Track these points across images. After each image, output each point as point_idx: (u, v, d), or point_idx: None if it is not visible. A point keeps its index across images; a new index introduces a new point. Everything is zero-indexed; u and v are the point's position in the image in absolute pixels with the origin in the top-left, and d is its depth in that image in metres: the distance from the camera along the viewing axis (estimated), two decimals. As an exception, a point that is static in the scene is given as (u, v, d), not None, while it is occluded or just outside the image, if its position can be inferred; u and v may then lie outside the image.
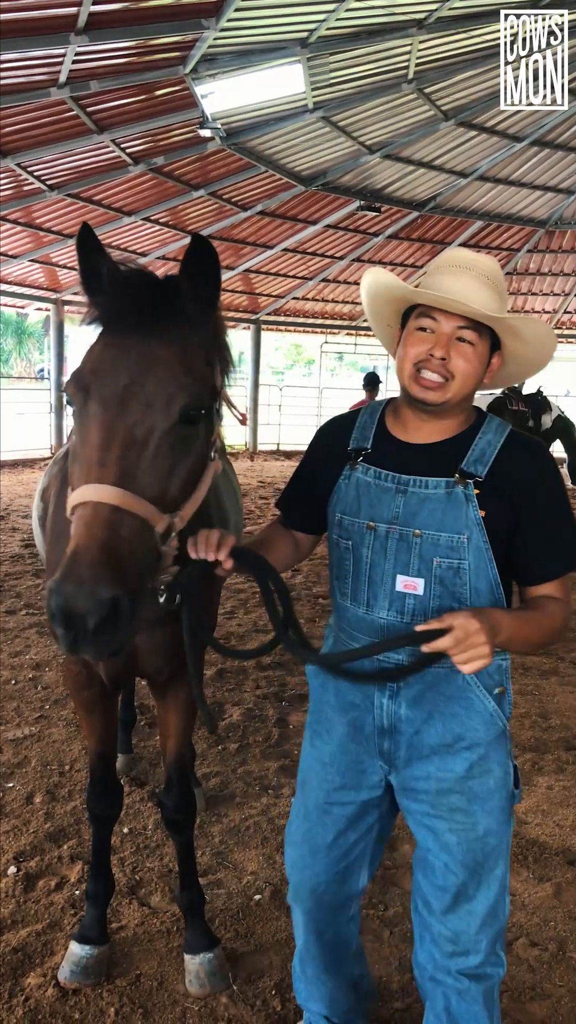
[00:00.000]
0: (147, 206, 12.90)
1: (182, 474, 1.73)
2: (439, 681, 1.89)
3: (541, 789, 4.02)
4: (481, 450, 1.86)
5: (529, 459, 1.86)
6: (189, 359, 1.75)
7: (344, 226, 15.42)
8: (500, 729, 1.94)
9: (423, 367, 1.83)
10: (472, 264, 1.87)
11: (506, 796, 1.95)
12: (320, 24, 8.22)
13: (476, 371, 1.85)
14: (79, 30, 7.18)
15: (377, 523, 1.90)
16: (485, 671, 1.89)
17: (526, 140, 12.42)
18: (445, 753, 1.91)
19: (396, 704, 1.94)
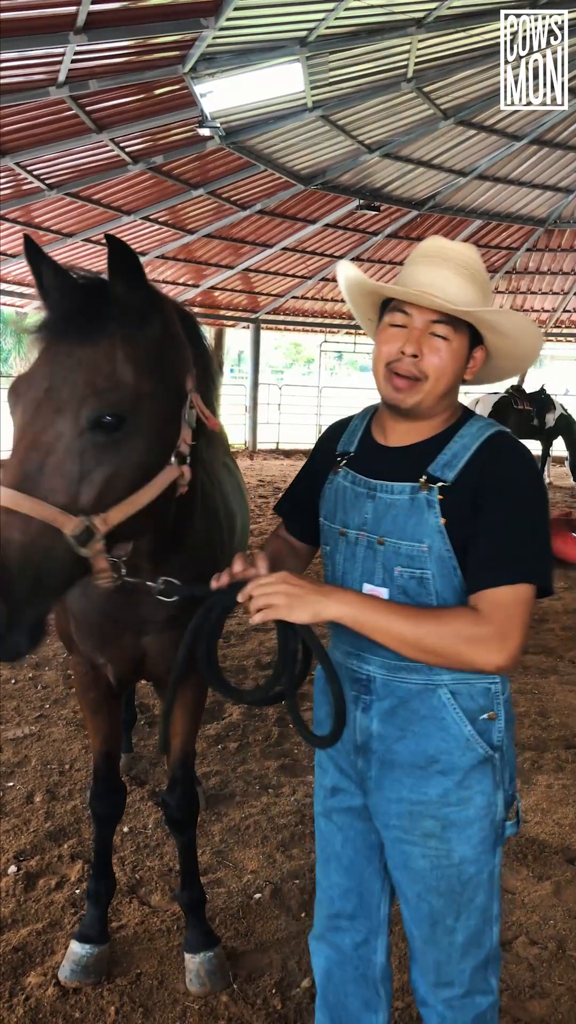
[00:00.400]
0: (146, 205, 12.91)
1: (100, 479, 1.67)
2: (411, 697, 1.76)
3: (540, 787, 4.03)
4: (453, 453, 1.71)
5: (501, 462, 1.68)
6: (110, 364, 1.70)
7: (343, 225, 15.42)
8: (481, 756, 1.76)
9: (395, 368, 1.71)
10: (447, 253, 1.74)
11: (489, 826, 1.79)
12: (319, 23, 8.22)
13: (452, 369, 1.71)
14: (78, 29, 7.17)
15: (348, 529, 1.81)
16: (467, 693, 1.74)
17: (525, 139, 12.42)
18: (419, 775, 1.77)
19: (368, 718, 1.81)
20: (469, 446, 1.70)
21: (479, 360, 1.78)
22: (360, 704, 1.82)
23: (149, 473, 1.76)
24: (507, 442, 1.72)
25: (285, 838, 3.51)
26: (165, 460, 1.81)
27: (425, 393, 1.70)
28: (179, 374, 1.87)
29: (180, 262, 16.06)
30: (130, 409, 1.70)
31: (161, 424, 1.79)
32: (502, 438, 1.72)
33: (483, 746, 1.75)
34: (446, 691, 1.74)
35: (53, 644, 5.65)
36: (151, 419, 1.75)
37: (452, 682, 1.74)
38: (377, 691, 1.79)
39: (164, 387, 1.80)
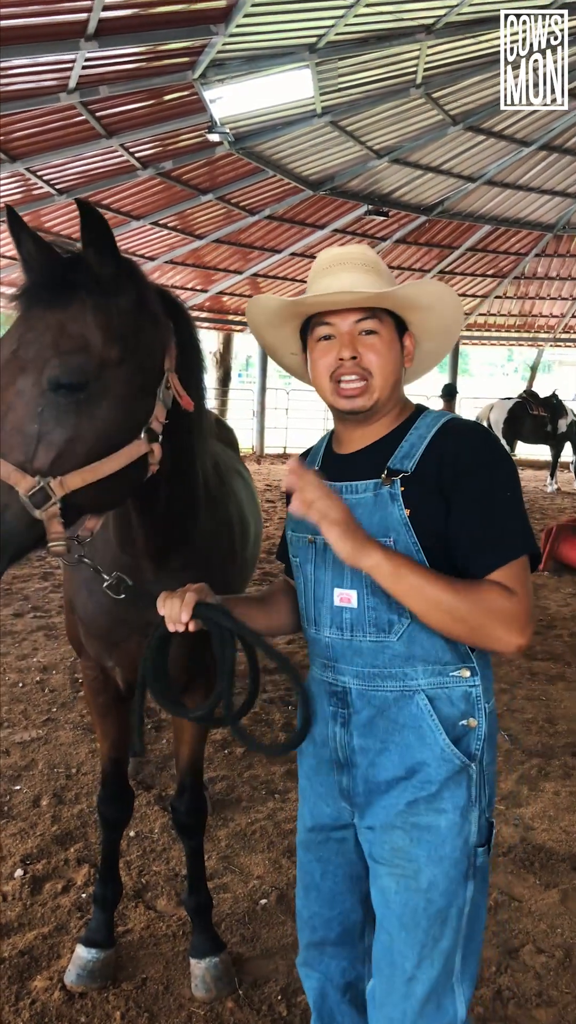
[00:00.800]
0: (155, 210, 12.95)
1: (59, 441, 1.67)
2: (388, 706, 1.69)
3: (548, 794, 4.01)
4: (411, 444, 1.69)
5: (461, 444, 1.66)
6: (78, 328, 1.71)
7: (352, 230, 15.44)
8: (456, 768, 1.66)
9: (339, 375, 1.70)
10: (343, 257, 1.75)
11: (462, 847, 1.65)
12: (329, 29, 8.25)
13: (392, 360, 1.72)
14: (89, 36, 7.22)
15: (316, 536, 1.75)
16: (446, 697, 1.67)
17: (534, 144, 12.43)
18: (401, 788, 1.69)
19: (348, 734, 1.74)
20: (425, 435, 1.69)
21: (410, 347, 1.78)
22: (339, 719, 1.76)
23: (113, 443, 1.74)
24: (463, 424, 1.72)
25: (291, 844, 3.50)
26: (132, 434, 1.79)
27: (379, 390, 1.69)
28: (153, 349, 1.85)
29: (189, 267, 16.11)
30: (94, 374, 1.70)
31: (129, 396, 1.78)
32: (456, 422, 1.72)
33: (459, 756, 1.66)
34: (423, 697, 1.67)
35: (61, 648, 5.67)
36: (118, 389, 1.75)
37: (429, 687, 1.67)
38: (354, 703, 1.73)
39: (135, 359, 1.79)
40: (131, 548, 2.19)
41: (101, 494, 1.77)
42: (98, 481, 1.72)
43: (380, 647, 1.67)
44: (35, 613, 6.60)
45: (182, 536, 2.23)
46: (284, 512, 4.86)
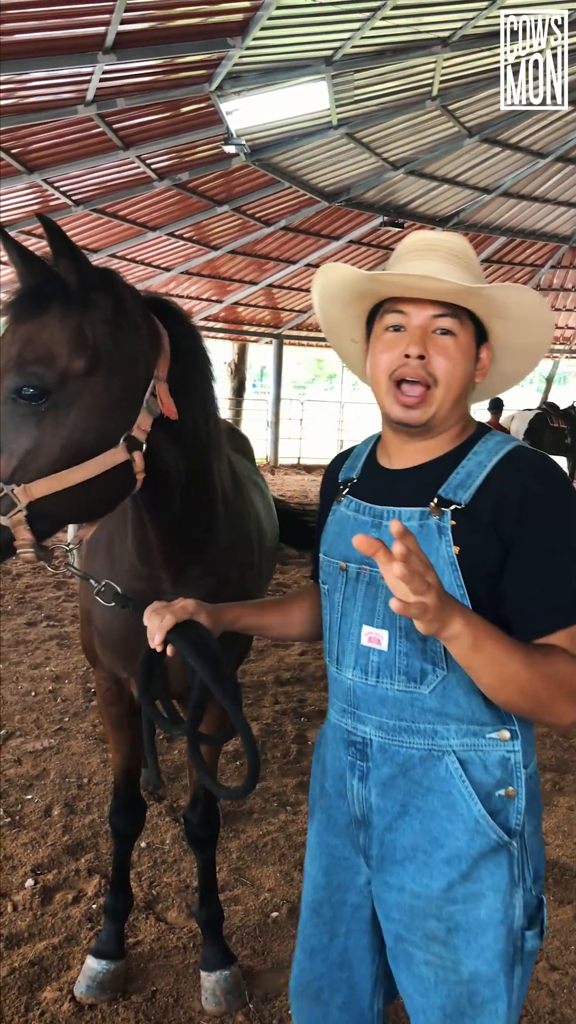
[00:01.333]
0: (171, 221, 13.02)
1: (21, 450, 1.68)
2: (413, 766, 1.50)
3: (562, 809, 3.98)
4: (468, 471, 1.48)
5: (526, 478, 1.44)
6: (43, 339, 1.72)
7: (367, 242, 15.47)
8: (492, 843, 1.46)
9: (400, 376, 1.49)
10: (434, 244, 1.55)
11: (505, 935, 1.47)
12: (345, 42, 8.28)
13: (463, 370, 1.50)
14: (107, 49, 7.27)
15: (349, 563, 1.59)
16: (480, 762, 1.47)
17: (550, 156, 12.42)
18: (422, 861, 1.50)
19: (366, 789, 1.57)
20: (485, 463, 1.48)
21: (486, 361, 1.57)
22: (357, 772, 1.58)
23: (83, 451, 1.73)
24: (530, 455, 1.50)
25: (303, 856, 3.46)
26: (108, 442, 1.77)
27: (438, 402, 1.49)
28: (134, 358, 1.84)
29: (204, 278, 16.18)
30: (55, 384, 1.71)
31: (103, 405, 1.76)
32: (522, 452, 1.50)
33: (496, 830, 1.46)
34: (453, 759, 1.48)
35: (73, 657, 5.67)
36: (88, 398, 1.74)
37: (461, 748, 1.48)
38: (374, 757, 1.55)
39: (110, 369, 1.77)
40: (147, 558, 2.19)
41: (76, 502, 1.76)
42: (68, 489, 1.72)
43: (409, 698, 1.49)
44: (48, 622, 6.62)
45: (199, 546, 2.23)
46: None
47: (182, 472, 2.01)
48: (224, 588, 2.34)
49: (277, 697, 5.23)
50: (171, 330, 1.96)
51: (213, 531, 2.25)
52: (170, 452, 1.95)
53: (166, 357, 1.90)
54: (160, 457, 1.92)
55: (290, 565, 8.92)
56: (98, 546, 2.39)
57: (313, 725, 4.81)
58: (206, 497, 2.17)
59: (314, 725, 4.81)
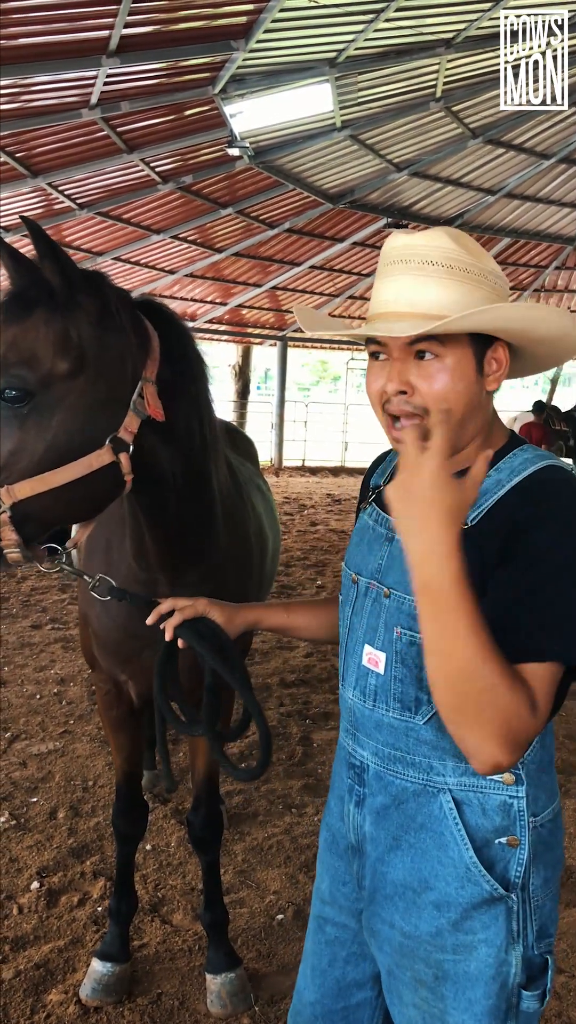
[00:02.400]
0: (175, 224, 13.03)
1: (5, 451, 1.70)
2: (407, 799, 1.41)
3: (568, 811, 3.96)
4: (483, 489, 1.34)
5: (533, 496, 1.31)
6: (26, 342, 1.73)
7: (371, 243, 15.45)
8: (486, 895, 1.34)
9: (389, 412, 1.38)
10: (407, 253, 1.35)
11: (498, 992, 1.35)
12: (348, 44, 8.28)
13: (456, 390, 1.33)
14: (110, 53, 7.28)
15: (360, 576, 1.51)
16: (478, 804, 1.36)
17: (554, 157, 12.40)
18: (411, 900, 1.41)
19: (361, 815, 1.49)
20: (504, 482, 1.34)
21: (503, 361, 1.38)
22: (354, 796, 1.51)
23: (67, 453, 1.74)
24: (553, 476, 1.34)
25: (308, 859, 3.48)
26: (94, 443, 1.77)
27: None
28: (121, 360, 1.83)
29: (208, 280, 16.18)
30: (38, 386, 1.71)
31: (87, 406, 1.76)
32: (544, 475, 1.34)
33: (489, 881, 1.34)
34: (448, 798, 1.37)
35: (78, 660, 5.68)
36: (72, 400, 1.75)
37: (458, 787, 1.37)
38: (370, 783, 1.47)
39: (95, 371, 1.78)
40: (144, 561, 2.19)
41: (62, 504, 1.77)
42: (52, 490, 1.72)
43: (404, 727, 1.40)
44: (53, 625, 6.62)
45: (197, 550, 2.22)
46: (302, 525, 4.80)
47: (177, 475, 2.01)
48: (222, 592, 2.33)
49: (282, 699, 5.23)
50: (162, 332, 1.96)
51: (211, 535, 2.25)
52: (163, 454, 1.95)
53: (155, 359, 1.90)
54: (153, 460, 1.92)
55: (294, 567, 8.91)
56: (96, 549, 2.39)
57: (318, 727, 4.81)
58: (203, 501, 2.17)
59: (319, 727, 4.80)
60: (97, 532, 2.37)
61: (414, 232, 1.39)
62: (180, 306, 16.95)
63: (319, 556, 9.60)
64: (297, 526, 11.44)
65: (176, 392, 1.96)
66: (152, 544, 2.13)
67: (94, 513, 1.92)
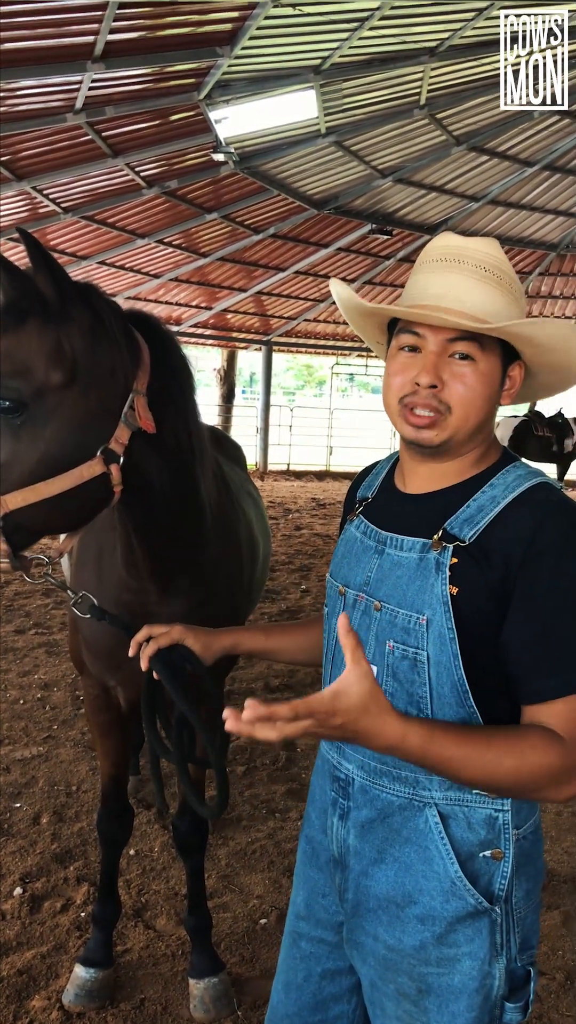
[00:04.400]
0: (160, 228, 13.03)
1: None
2: (392, 813, 1.41)
3: (550, 815, 4.00)
4: (479, 506, 1.37)
5: (539, 521, 1.31)
6: (19, 353, 1.73)
7: (356, 249, 15.52)
8: (470, 908, 1.35)
9: (411, 404, 1.38)
10: (463, 253, 1.39)
11: (481, 1004, 1.37)
12: (333, 52, 8.33)
13: (483, 396, 1.37)
14: (95, 58, 7.29)
15: (348, 588, 1.50)
16: (463, 818, 1.37)
17: (537, 165, 12.49)
18: (395, 913, 1.41)
19: (345, 829, 1.49)
20: (499, 499, 1.37)
21: (517, 380, 1.44)
22: (338, 810, 1.51)
23: (58, 464, 1.75)
24: (549, 498, 1.36)
25: (292, 863, 3.49)
26: (84, 455, 1.78)
27: (453, 429, 1.37)
28: (112, 372, 1.85)
29: (194, 285, 16.19)
30: (31, 398, 1.72)
31: (79, 418, 1.78)
32: (543, 492, 1.37)
33: (474, 895, 1.35)
34: (434, 812, 1.38)
35: (62, 665, 5.67)
36: (64, 411, 1.76)
37: (444, 802, 1.38)
38: (355, 797, 1.47)
39: (87, 382, 1.79)
40: (135, 570, 2.20)
41: (52, 514, 1.78)
42: (43, 501, 1.73)
43: None
44: (37, 630, 6.61)
45: (187, 559, 2.24)
46: (287, 529, 4.81)
47: (166, 485, 2.02)
48: (212, 599, 2.35)
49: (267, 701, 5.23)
50: (152, 344, 1.97)
51: (200, 544, 2.26)
52: (152, 465, 1.96)
53: (146, 371, 1.91)
54: (143, 470, 1.93)
55: (279, 571, 8.92)
56: (87, 557, 2.40)
57: (302, 732, 4.82)
58: (192, 510, 2.18)
59: (303, 732, 4.81)
60: (89, 540, 2.38)
61: (466, 236, 1.42)
62: (165, 310, 16.96)
63: (304, 560, 9.62)
64: (282, 530, 11.45)
65: (166, 403, 1.97)
66: (141, 552, 2.14)
67: (83, 523, 1.93)
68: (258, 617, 7.07)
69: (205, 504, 2.24)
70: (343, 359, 22.41)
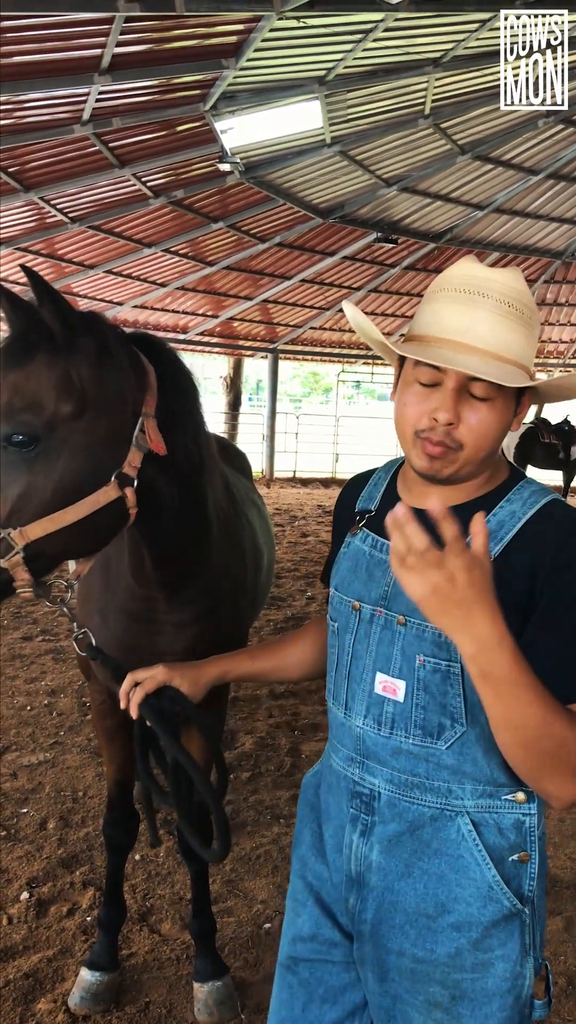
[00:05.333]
0: (167, 238, 13.11)
1: (15, 494, 1.73)
2: (422, 824, 1.42)
3: (553, 821, 4.01)
4: (499, 521, 1.40)
5: (563, 536, 1.35)
6: (30, 387, 1.75)
7: (361, 257, 15.57)
8: (506, 910, 1.39)
9: (426, 438, 1.38)
10: (485, 286, 1.36)
11: (512, 1004, 1.39)
12: (337, 63, 8.39)
13: (496, 431, 1.39)
14: (102, 71, 7.36)
15: (363, 603, 1.50)
16: (494, 824, 1.40)
17: (541, 173, 12.54)
18: (426, 925, 1.41)
19: (367, 845, 1.47)
20: (519, 515, 1.39)
21: (527, 406, 1.46)
22: (359, 826, 1.49)
23: (75, 492, 1.77)
24: (568, 514, 1.40)
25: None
26: (100, 481, 1.80)
27: (463, 462, 1.39)
28: (122, 398, 1.87)
29: (200, 293, 16.27)
30: (44, 430, 1.75)
31: (92, 446, 1.80)
32: (561, 508, 1.41)
33: (510, 897, 1.39)
34: (466, 821, 1.40)
35: (68, 672, 5.71)
36: (77, 440, 1.78)
37: (476, 810, 1.40)
38: (381, 811, 1.46)
39: (98, 410, 1.81)
40: (143, 580, 2.24)
41: (72, 540, 1.80)
42: (63, 529, 1.76)
43: (425, 753, 1.40)
44: (44, 636, 6.65)
45: (194, 569, 2.27)
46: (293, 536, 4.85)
47: (175, 500, 2.05)
48: (219, 606, 2.39)
49: (271, 710, 5.27)
50: (157, 365, 2.00)
51: (207, 554, 2.30)
52: (162, 483, 1.99)
53: (153, 393, 1.94)
54: (153, 489, 1.96)
55: (285, 578, 8.96)
56: (96, 565, 2.43)
57: (307, 738, 4.85)
58: (200, 523, 2.21)
59: (307, 738, 4.85)
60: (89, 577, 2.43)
61: (488, 266, 1.41)
62: (172, 318, 17.05)
63: (310, 568, 9.65)
64: (288, 537, 11.49)
65: (174, 423, 2.00)
66: (150, 563, 2.17)
67: (101, 546, 1.96)
68: (264, 624, 7.10)
69: (212, 517, 2.28)
70: (349, 367, 22.44)
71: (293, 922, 1.62)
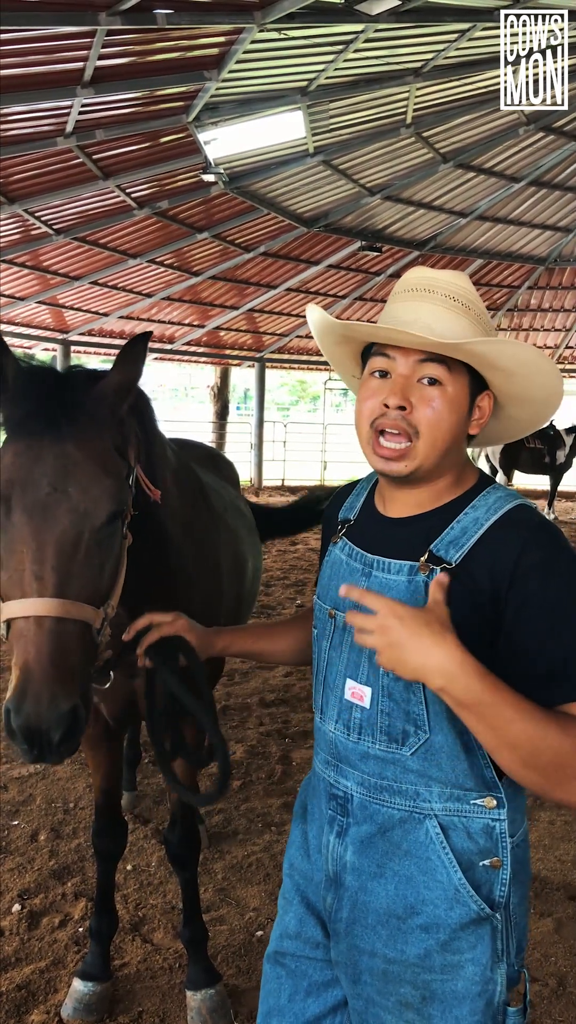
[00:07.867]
0: (152, 248, 13.14)
1: (110, 568, 1.74)
2: (392, 826, 1.44)
3: (543, 823, 4.03)
4: (463, 528, 1.41)
5: (524, 541, 1.36)
6: (106, 458, 1.73)
7: (346, 266, 15.64)
8: (474, 914, 1.38)
9: (380, 426, 1.42)
10: (432, 283, 1.45)
11: (483, 1008, 1.40)
12: (319, 73, 8.45)
13: (450, 420, 1.40)
14: (85, 83, 7.40)
15: (338, 611, 1.53)
16: (463, 828, 1.40)
17: (523, 180, 12.64)
18: (396, 926, 1.43)
19: (342, 846, 1.50)
20: (482, 521, 1.41)
21: (486, 410, 1.47)
22: (336, 827, 1.52)
23: (118, 556, 1.80)
24: (530, 519, 1.41)
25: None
26: (121, 534, 1.81)
27: (421, 457, 1.40)
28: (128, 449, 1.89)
29: (186, 303, 16.30)
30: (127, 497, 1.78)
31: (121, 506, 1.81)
32: (523, 513, 1.42)
33: (477, 902, 1.39)
34: (434, 823, 1.41)
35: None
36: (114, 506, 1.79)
37: (444, 813, 1.41)
38: (354, 813, 1.49)
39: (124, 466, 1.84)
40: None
41: None
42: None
43: (392, 758, 1.43)
44: (34, 648, 6.63)
45: (154, 584, 2.21)
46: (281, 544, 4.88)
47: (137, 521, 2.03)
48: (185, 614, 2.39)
49: (262, 719, 5.28)
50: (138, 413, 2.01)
51: (167, 570, 2.29)
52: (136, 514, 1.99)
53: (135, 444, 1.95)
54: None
55: (274, 587, 8.97)
56: None
57: (297, 746, 4.86)
58: (155, 542, 2.19)
59: (298, 746, 4.85)
60: None
61: (436, 269, 1.49)
62: (158, 329, 17.06)
63: (299, 575, 9.67)
64: (277, 545, 11.49)
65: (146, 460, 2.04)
66: None
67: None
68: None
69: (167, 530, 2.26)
70: (336, 375, 22.44)
71: (281, 919, 1.66)
